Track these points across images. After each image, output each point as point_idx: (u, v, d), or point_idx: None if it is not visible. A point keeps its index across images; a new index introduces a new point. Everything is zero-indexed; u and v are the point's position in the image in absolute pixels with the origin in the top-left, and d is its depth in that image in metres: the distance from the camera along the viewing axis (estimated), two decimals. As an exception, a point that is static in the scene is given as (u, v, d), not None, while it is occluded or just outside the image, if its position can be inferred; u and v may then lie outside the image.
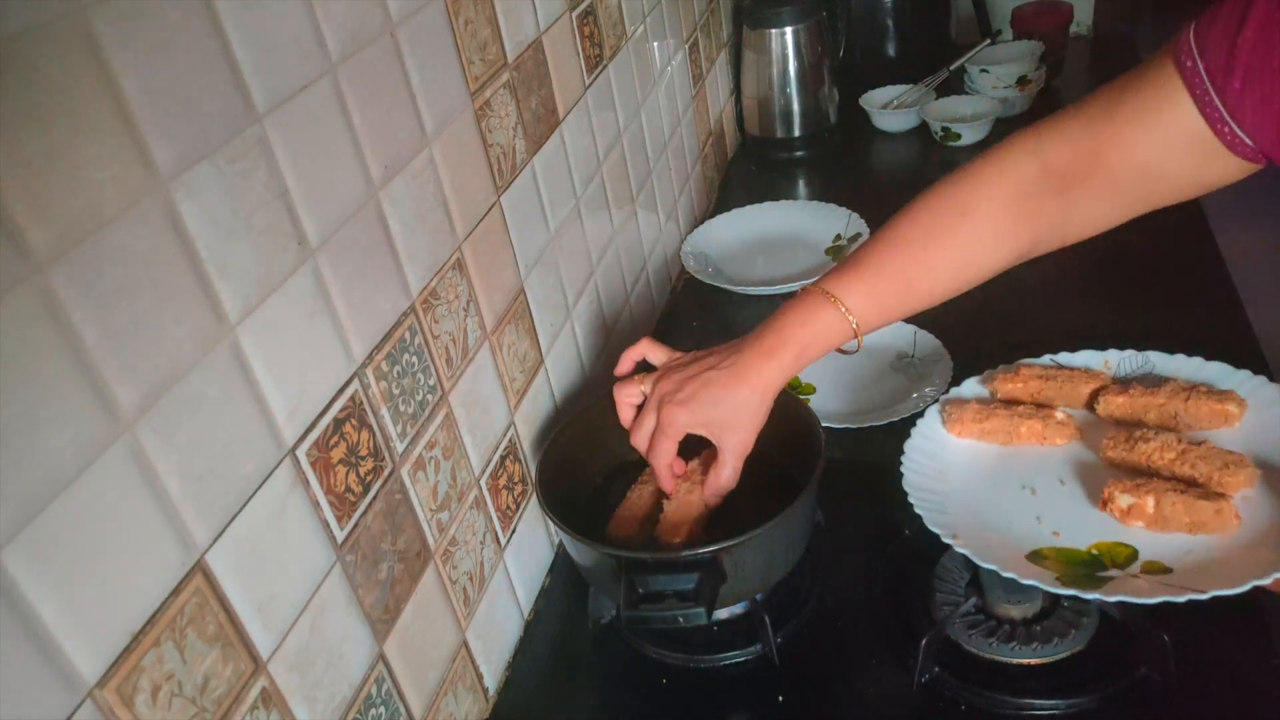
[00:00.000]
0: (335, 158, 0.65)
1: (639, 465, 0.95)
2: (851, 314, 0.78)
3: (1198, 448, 0.81)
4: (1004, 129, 1.65)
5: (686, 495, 0.85)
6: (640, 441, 0.83)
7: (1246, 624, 0.79)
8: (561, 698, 0.87)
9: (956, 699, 0.77)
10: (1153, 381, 0.89)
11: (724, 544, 0.75)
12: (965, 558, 0.85)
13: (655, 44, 1.30)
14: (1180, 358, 0.92)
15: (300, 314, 0.62)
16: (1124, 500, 0.78)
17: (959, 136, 1.60)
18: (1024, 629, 0.79)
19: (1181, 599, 0.69)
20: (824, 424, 0.87)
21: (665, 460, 0.81)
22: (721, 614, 0.85)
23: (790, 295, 1.28)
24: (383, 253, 0.71)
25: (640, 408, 0.84)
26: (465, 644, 0.82)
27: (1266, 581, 0.70)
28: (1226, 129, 0.67)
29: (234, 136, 0.55)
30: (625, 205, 1.20)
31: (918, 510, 0.81)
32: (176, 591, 0.52)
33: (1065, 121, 0.75)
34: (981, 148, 1.60)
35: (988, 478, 0.87)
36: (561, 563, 0.99)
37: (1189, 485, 0.78)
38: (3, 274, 0.42)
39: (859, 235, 1.37)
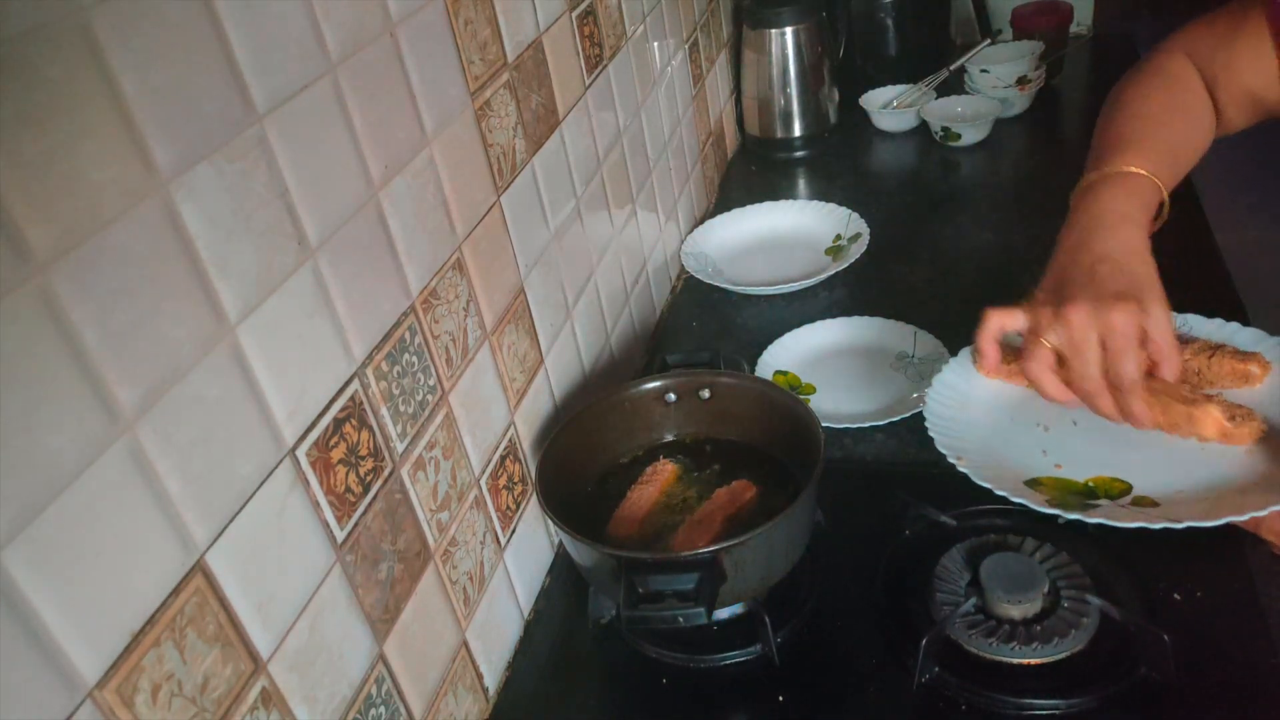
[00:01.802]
0: (335, 158, 0.65)
1: (639, 465, 0.96)
2: (1154, 175, 0.84)
3: (1206, 400, 0.82)
4: (1004, 129, 1.65)
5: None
6: (1096, 381, 0.75)
7: (1246, 624, 0.79)
8: (561, 698, 0.87)
9: (956, 699, 0.77)
10: (1183, 339, 0.90)
11: (724, 544, 0.75)
12: (965, 557, 0.85)
13: (655, 44, 1.30)
14: (1218, 321, 0.94)
15: (300, 314, 0.62)
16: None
17: (959, 136, 1.60)
18: (1024, 629, 0.79)
19: (1157, 526, 0.72)
20: (824, 424, 0.87)
21: (1134, 369, 0.74)
22: (721, 614, 0.85)
23: (788, 295, 1.30)
24: (383, 253, 0.71)
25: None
26: (465, 644, 0.82)
27: (1242, 518, 0.72)
28: None
29: (234, 136, 0.55)
30: (625, 205, 1.20)
31: (930, 432, 0.84)
32: (176, 591, 0.52)
33: (1199, 43, 0.93)
34: (981, 148, 1.63)
35: (1005, 413, 0.91)
36: (561, 563, 0.99)
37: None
38: (3, 274, 0.42)
39: (859, 235, 1.37)
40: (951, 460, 0.80)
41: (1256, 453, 0.80)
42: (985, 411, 0.90)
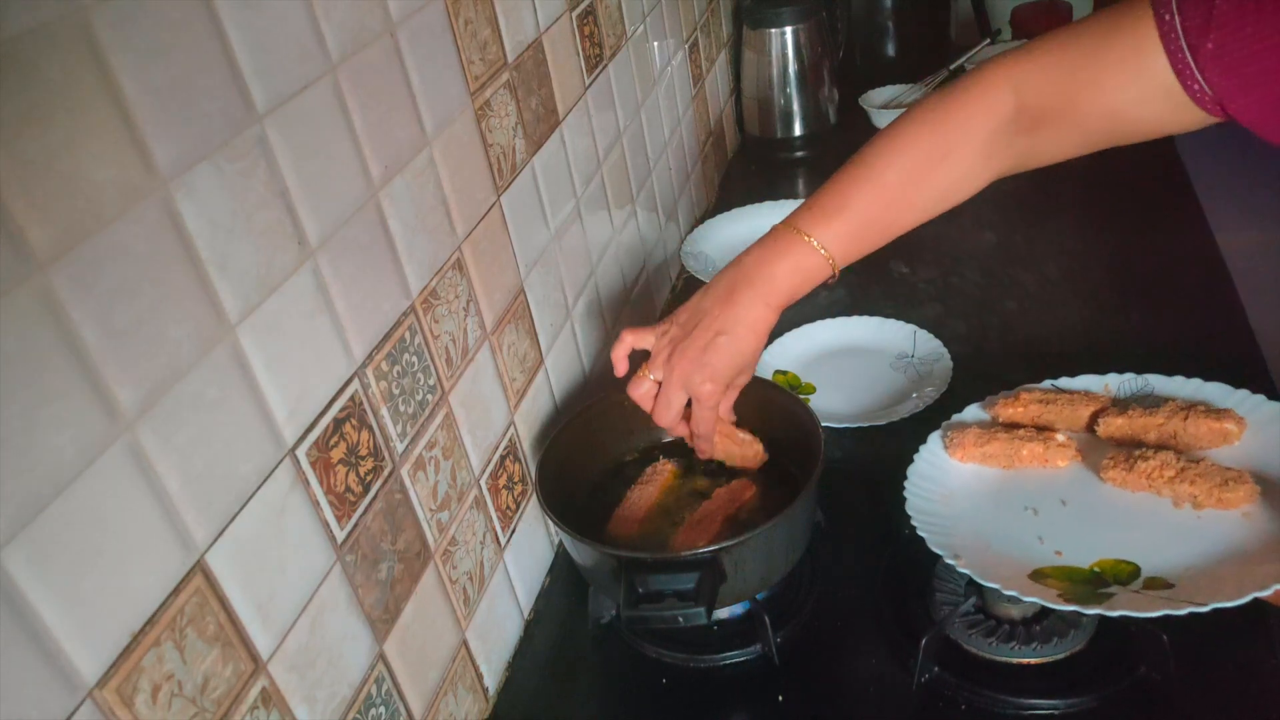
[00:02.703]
0: (335, 158, 0.65)
1: (639, 465, 0.96)
2: (833, 256, 0.81)
3: (1197, 465, 0.82)
4: (1004, 129, 1.65)
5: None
6: (672, 421, 0.85)
7: (1246, 624, 0.78)
8: (561, 698, 0.87)
9: (956, 699, 0.77)
10: (1152, 402, 0.90)
11: (724, 544, 0.75)
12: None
13: (655, 44, 1.30)
14: (1179, 379, 0.92)
15: (300, 314, 0.62)
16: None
17: (959, 136, 1.60)
18: (1024, 629, 0.79)
19: (1182, 612, 0.70)
20: (824, 424, 0.87)
21: (711, 425, 0.86)
22: (721, 614, 0.85)
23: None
24: (383, 253, 0.71)
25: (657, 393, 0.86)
26: (465, 644, 0.82)
27: (1266, 594, 0.71)
28: (1195, 85, 0.68)
29: (234, 136, 0.55)
30: (625, 205, 1.20)
31: (921, 533, 0.81)
32: (176, 591, 0.52)
33: (1045, 61, 0.76)
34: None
35: (990, 500, 0.88)
36: (561, 563, 0.99)
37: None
38: (3, 274, 0.42)
39: (859, 235, 1.37)
40: (950, 561, 0.77)
41: (1253, 514, 0.78)
42: (969, 502, 0.87)
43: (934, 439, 0.93)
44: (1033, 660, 0.77)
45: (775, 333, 1.19)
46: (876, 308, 1.22)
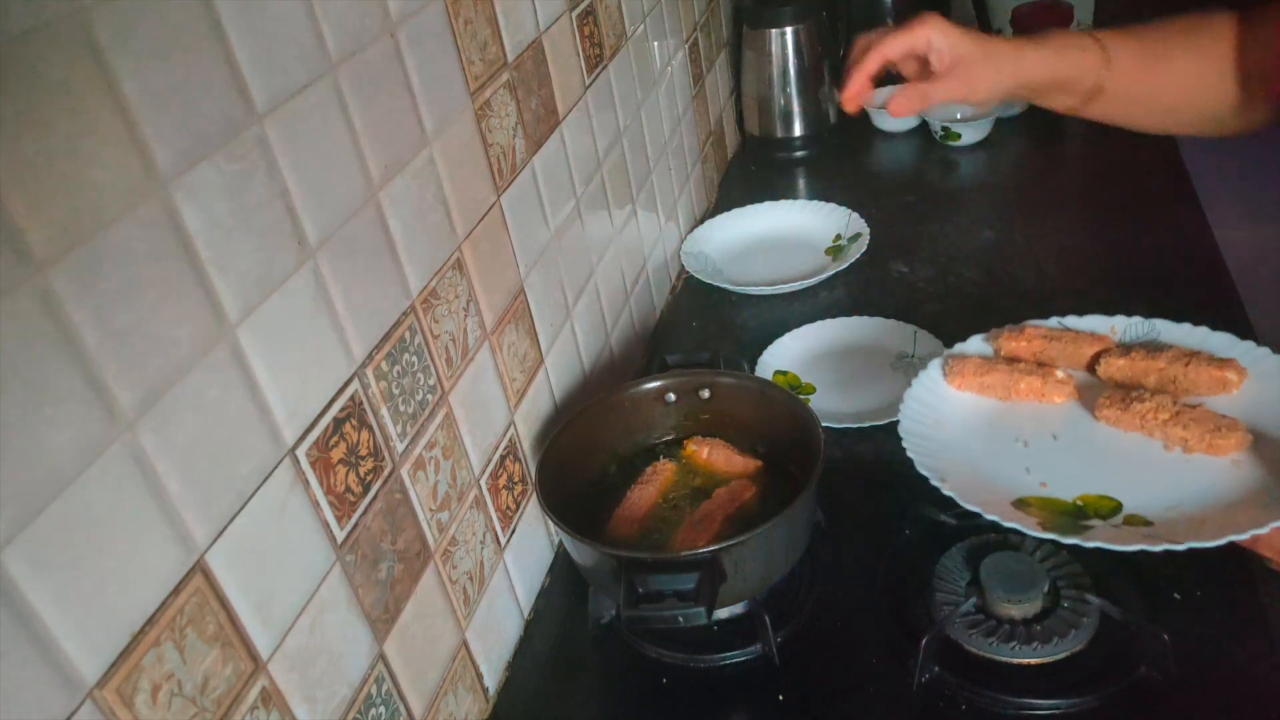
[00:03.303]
0: (335, 158, 0.65)
1: (639, 465, 0.96)
2: (1112, 72, 0.86)
3: (1192, 410, 0.83)
4: (1004, 129, 1.65)
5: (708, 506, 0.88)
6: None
7: (1246, 624, 0.79)
8: (561, 698, 0.87)
9: (956, 699, 0.77)
10: (1156, 347, 0.90)
11: (724, 544, 0.75)
12: (965, 557, 0.85)
13: (655, 44, 1.30)
14: (1186, 326, 0.92)
15: (300, 314, 0.62)
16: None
17: (959, 136, 1.60)
18: (1024, 629, 0.79)
19: (1157, 549, 0.71)
20: (824, 424, 0.87)
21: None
22: (721, 614, 0.85)
23: (788, 296, 1.30)
24: (383, 252, 0.71)
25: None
26: (465, 644, 0.82)
27: (1243, 537, 0.72)
28: None
29: (234, 136, 0.55)
30: (625, 205, 1.20)
31: (910, 454, 0.81)
32: (176, 591, 0.52)
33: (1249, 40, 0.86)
34: (982, 148, 1.62)
35: (983, 429, 0.89)
36: (561, 563, 0.99)
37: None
38: (3, 274, 0.42)
39: (859, 235, 1.38)
40: (935, 483, 0.78)
41: (1243, 463, 0.79)
42: (961, 429, 0.88)
43: (934, 365, 0.94)
44: (1033, 660, 0.77)
45: (775, 332, 1.21)
46: (876, 308, 1.22)
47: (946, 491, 0.77)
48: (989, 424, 0.89)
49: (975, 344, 0.96)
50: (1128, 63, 0.86)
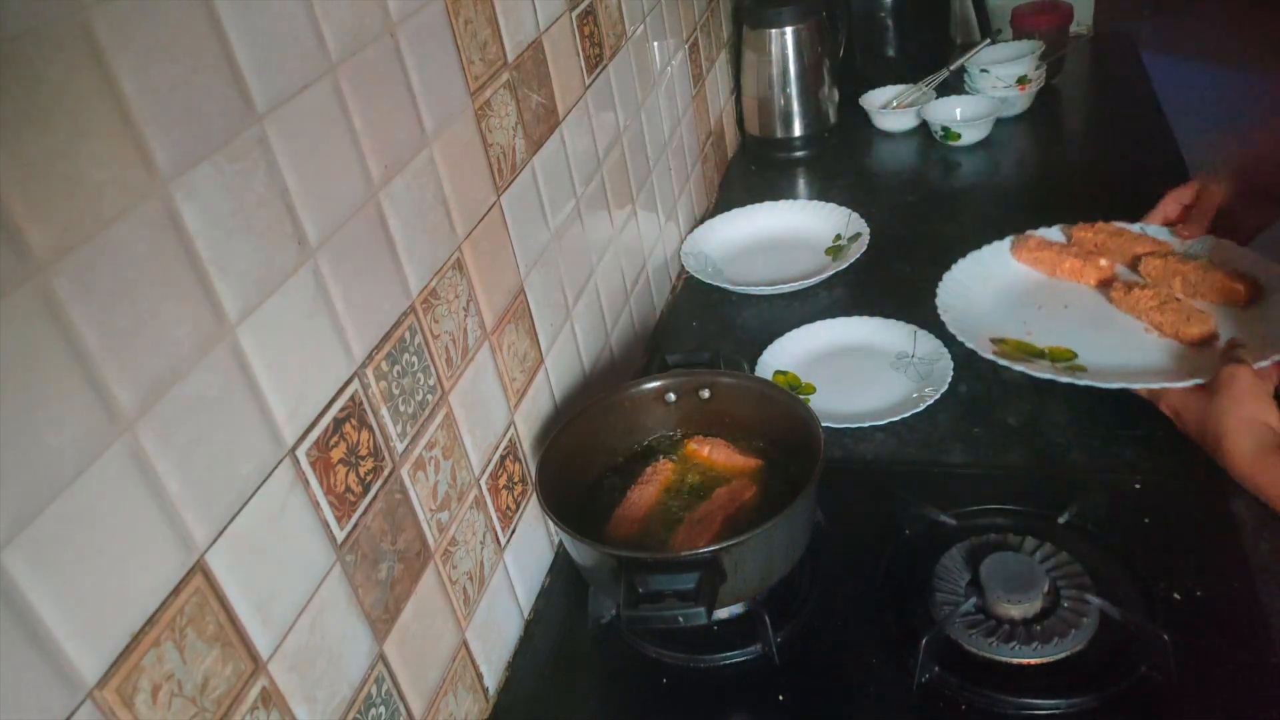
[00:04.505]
0: (335, 158, 0.65)
1: (639, 465, 0.96)
2: None
3: (1176, 302, 0.97)
4: (1004, 129, 1.65)
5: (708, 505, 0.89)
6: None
7: (1247, 624, 0.79)
8: (561, 698, 0.87)
9: (956, 699, 0.77)
10: (1195, 257, 1.03)
11: (724, 544, 0.75)
12: (965, 557, 0.86)
13: (655, 44, 1.30)
14: (1245, 250, 1.04)
15: (300, 314, 0.62)
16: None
17: (959, 136, 1.61)
18: (1024, 629, 0.79)
19: (1063, 379, 0.91)
20: (824, 424, 0.87)
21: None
22: (721, 614, 0.85)
23: (788, 296, 1.30)
24: (383, 253, 0.71)
25: None
26: (465, 644, 0.82)
27: (1137, 387, 0.90)
28: None
29: (234, 136, 0.55)
30: (625, 205, 1.20)
31: (939, 292, 1.04)
32: (176, 591, 0.52)
33: None
34: (981, 148, 1.63)
35: (1012, 290, 1.09)
36: (561, 563, 0.99)
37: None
38: (3, 274, 0.42)
39: (859, 235, 1.38)
40: (940, 314, 0.96)
41: (1197, 352, 0.93)
42: (996, 286, 1.09)
43: (1008, 239, 1.14)
44: (1033, 660, 0.77)
45: (775, 333, 1.21)
46: (876, 308, 1.22)
47: (943, 318, 0.98)
48: (1021, 289, 1.09)
49: (1053, 232, 1.16)
50: None
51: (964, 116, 1.65)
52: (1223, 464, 0.88)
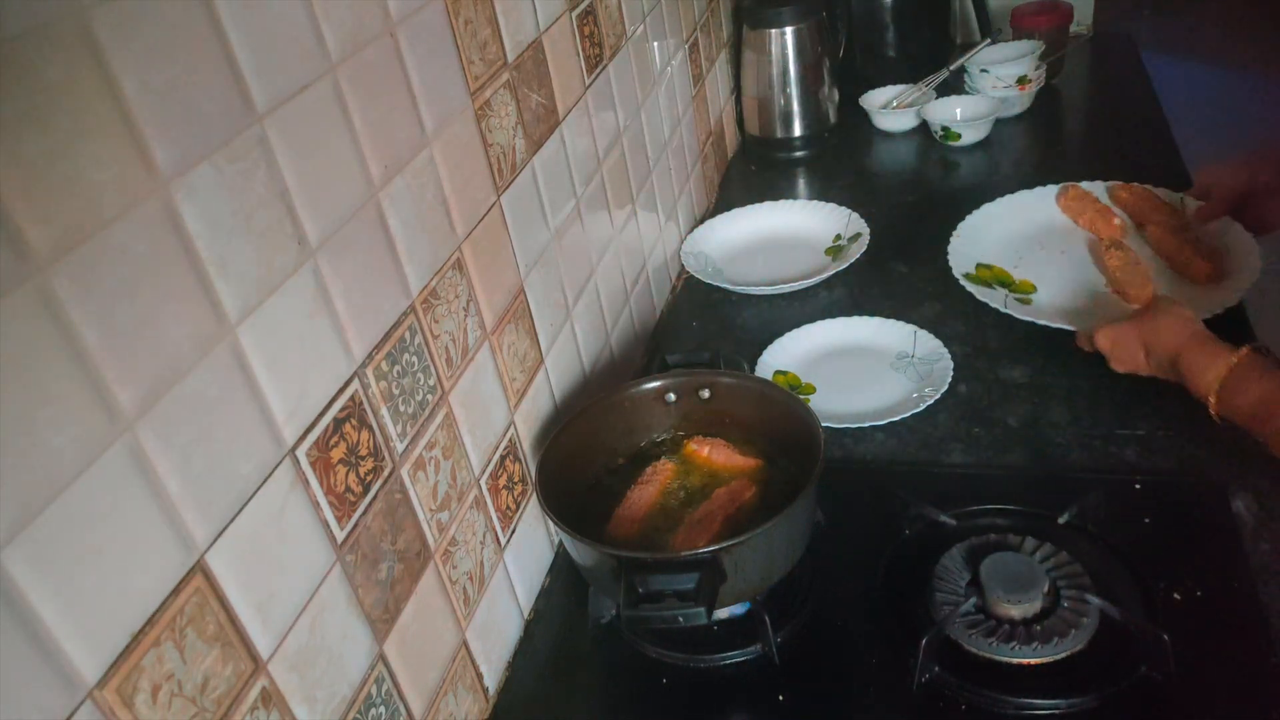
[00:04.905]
0: (335, 158, 0.65)
1: (639, 465, 0.96)
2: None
3: (1137, 265, 1.10)
4: (1004, 129, 1.65)
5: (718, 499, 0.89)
6: None
7: (1247, 624, 0.79)
8: (561, 698, 0.87)
9: (956, 699, 0.77)
10: (1199, 234, 1.14)
11: (724, 544, 0.75)
12: (965, 557, 0.86)
13: (655, 44, 1.30)
14: (1251, 238, 1.12)
15: (300, 314, 0.62)
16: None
17: (959, 136, 1.60)
18: (1024, 629, 0.79)
19: (1002, 308, 1.09)
20: (824, 424, 0.87)
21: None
22: (721, 614, 0.85)
23: (788, 296, 1.30)
24: (383, 253, 0.71)
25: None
26: (465, 644, 0.82)
27: (1069, 327, 1.02)
28: None
29: (234, 136, 0.55)
30: (625, 205, 1.20)
31: (958, 227, 1.24)
32: (176, 591, 0.52)
33: None
34: (981, 148, 1.63)
35: (1030, 228, 1.25)
36: (561, 563, 0.99)
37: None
38: (3, 274, 0.42)
39: (859, 235, 1.37)
40: (953, 236, 1.18)
41: (1134, 311, 0.99)
42: (1021, 223, 1.24)
43: (1051, 188, 1.30)
44: (1033, 660, 0.77)
45: (775, 333, 1.21)
46: (876, 308, 1.22)
47: (952, 242, 1.19)
48: (1037, 230, 1.25)
49: (1098, 187, 1.29)
50: None
51: (964, 116, 1.65)
52: (1183, 380, 0.90)
